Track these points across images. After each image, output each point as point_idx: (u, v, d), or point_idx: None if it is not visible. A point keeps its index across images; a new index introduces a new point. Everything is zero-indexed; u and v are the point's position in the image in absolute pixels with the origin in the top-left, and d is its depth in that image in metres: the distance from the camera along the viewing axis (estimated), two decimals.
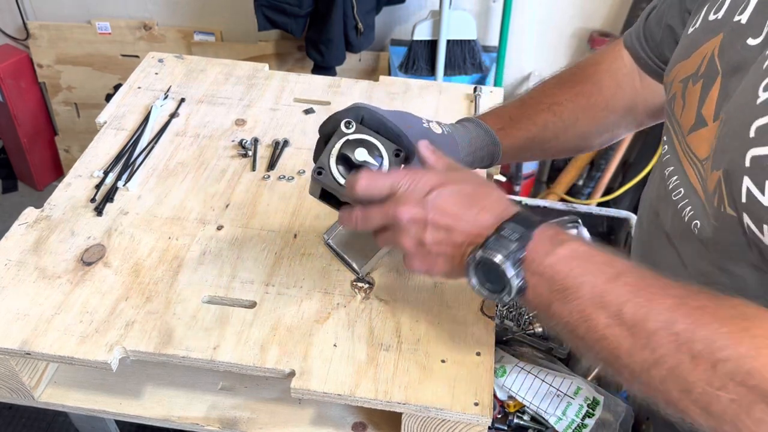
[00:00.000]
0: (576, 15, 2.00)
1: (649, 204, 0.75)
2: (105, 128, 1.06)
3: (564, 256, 0.56)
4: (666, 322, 0.50)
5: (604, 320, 0.53)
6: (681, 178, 0.67)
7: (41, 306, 0.78)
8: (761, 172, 0.51)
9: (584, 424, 0.84)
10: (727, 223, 0.57)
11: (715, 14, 0.65)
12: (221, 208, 0.94)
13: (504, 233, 0.58)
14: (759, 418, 0.47)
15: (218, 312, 0.79)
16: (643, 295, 0.52)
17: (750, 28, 0.59)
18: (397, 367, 0.74)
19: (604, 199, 2.12)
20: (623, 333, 0.52)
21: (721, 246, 0.59)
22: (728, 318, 0.49)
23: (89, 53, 2.18)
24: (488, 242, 0.58)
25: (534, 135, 0.85)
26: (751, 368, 0.47)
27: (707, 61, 0.64)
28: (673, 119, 0.70)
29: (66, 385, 0.84)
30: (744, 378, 0.47)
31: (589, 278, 0.54)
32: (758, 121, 0.53)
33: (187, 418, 0.81)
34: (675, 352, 0.49)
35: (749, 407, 0.47)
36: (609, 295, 0.53)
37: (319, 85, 1.18)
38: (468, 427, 0.73)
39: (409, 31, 1.99)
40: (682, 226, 0.65)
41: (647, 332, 0.51)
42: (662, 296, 0.52)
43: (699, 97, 0.64)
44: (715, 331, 0.48)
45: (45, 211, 0.91)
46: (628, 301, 0.52)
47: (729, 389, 0.47)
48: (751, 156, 0.52)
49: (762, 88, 0.54)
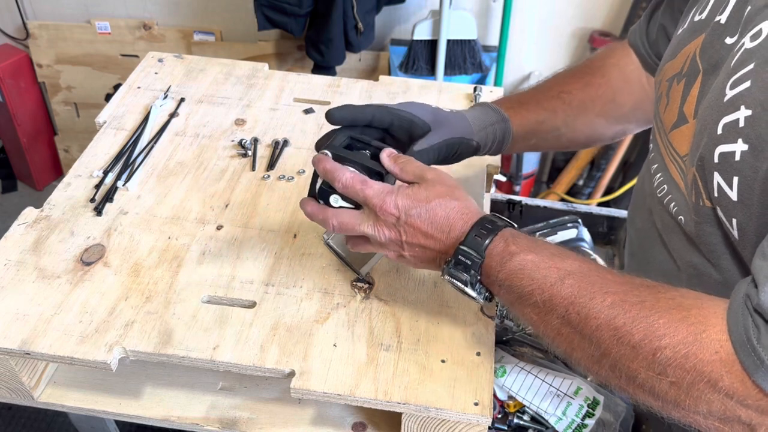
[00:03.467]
0: (576, 15, 2.00)
1: (642, 202, 0.76)
2: (104, 128, 1.06)
3: (514, 269, 0.61)
4: (606, 319, 0.55)
5: (556, 321, 0.58)
6: (665, 175, 0.68)
7: (41, 306, 0.78)
8: (729, 168, 0.54)
9: (584, 424, 0.84)
10: (705, 217, 0.59)
11: (700, 15, 0.67)
12: (221, 208, 0.93)
13: (460, 258, 0.64)
14: (697, 396, 0.50)
15: (218, 312, 0.79)
16: (585, 296, 0.57)
17: (728, 27, 0.61)
18: (397, 367, 0.74)
19: (605, 199, 2.12)
20: (572, 331, 0.57)
21: (704, 239, 0.61)
22: (666, 309, 0.53)
23: (89, 53, 2.18)
24: (449, 268, 0.65)
25: (543, 119, 0.86)
26: (687, 352, 0.50)
27: (690, 60, 0.65)
28: (657, 117, 0.71)
29: (65, 385, 0.84)
30: (681, 362, 0.50)
31: (537, 285, 0.60)
32: (725, 119, 0.55)
33: (187, 418, 0.81)
34: (617, 345, 0.54)
35: (688, 388, 0.51)
36: (555, 298, 0.58)
37: (319, 84, 1.18)
38: (468, 427, 0.73)
39: (409, 30, 1.99)
40: (670, 221, 0.67)
41: (591, 329, 0.55)
42: (603, 294, 0.56)
43: (681, 95, 0.66)
44: (653, 323, 0.52)
45: (44, 211, 0.91)
46: (571, 303, 0.57)
47: (668, 373, 0.51)
48: (719, 152, 0.55)
49: (729, 86, 0.55)
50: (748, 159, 0.52)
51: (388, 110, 0.75)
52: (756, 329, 0.48)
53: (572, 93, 0.87)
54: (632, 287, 0.56)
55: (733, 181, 0.53)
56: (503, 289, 0.63)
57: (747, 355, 0.48)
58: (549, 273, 0.59)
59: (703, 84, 0.62)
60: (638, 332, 0.52)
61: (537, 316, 0.60)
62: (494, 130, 0.83)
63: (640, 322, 0.53)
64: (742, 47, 0.56)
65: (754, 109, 0.52)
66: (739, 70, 0.55)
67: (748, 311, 0.49)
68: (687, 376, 0.50)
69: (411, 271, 0.86)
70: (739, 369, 0.49)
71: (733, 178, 0.53)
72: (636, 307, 0.54)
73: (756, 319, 0.49)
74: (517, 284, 0.61)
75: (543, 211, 1.42)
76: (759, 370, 0.48)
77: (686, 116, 0.64)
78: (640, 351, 0.52)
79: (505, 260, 0.62)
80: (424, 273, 0.85)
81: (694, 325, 0.51)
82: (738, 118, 0.53)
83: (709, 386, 0.50)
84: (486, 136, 0.82)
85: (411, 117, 0.75)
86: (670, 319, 0.52)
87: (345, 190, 0.68)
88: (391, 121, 0.75)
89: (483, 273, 0.64)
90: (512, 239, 0.63)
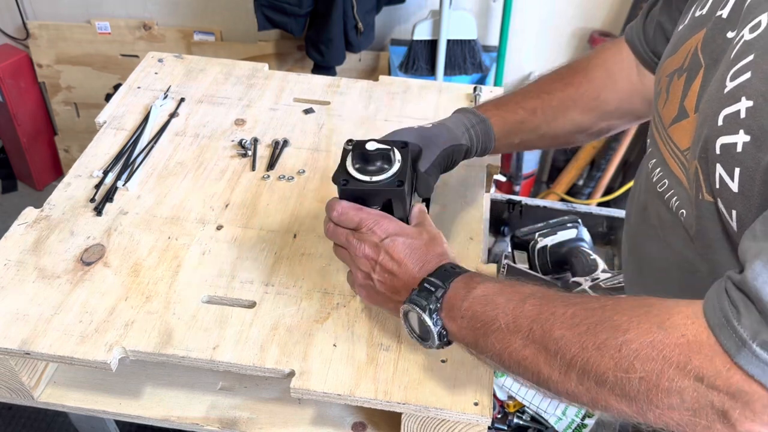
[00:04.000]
0: (576, 15, 2.00)
1: (637, 199, 0.77)
2: (105, 128, 1.06)
3: (478, 296, 0.62)
4: (569, 327, 0.55)
5: (520, 342, 0.58)
6: (664, 169, 0.69)
7: (41, 306, 0.78)
8: (730, 159, 0.54)
9: (584, 424, 0.84)
10: (706, 210, 0.59)
11: (701, 10, 0.67)
12: (221, 208, 0.94)
13: (425, 285, 0.66)
14: (668, 387, 0.49)
15: (218, 312, 0.79)
16: (546, 311, 0.57)
17: (729, 21, 0.61)
18: (397, 367, 0.74)
19: (605, 199, 2.12)
20: (536, 349, 0.57)
21: (703, 234, 0.61)
22: (628, 308, 0.53)
23: (89, 53, 2.18)
24: (412, 296, 0.66)
25: (522, 118, 0.89)
26: (653, 340, 0.50)
27: (691, 55, 0.66)
28: (656, 113, 0.72)
29: (65, 385, 0.84)
30: (647, 351, 0.50)
31: (501, 309, 0.60)
32: (726, 110, 0.55)
33: (187, 418, 0.81)
34: (582, 351, 0.53)
35: (657, 378, 0.49)
36: (519, 318, 0.58)
37: (319, 84, 1.18)
38: (468, 427, 0.73)
39: (409, 30, 1.99)
40: (670, 216, 0.67)
41: (555, 340, 0.55)
42: (564, 306, 0.56)
43: (682, 89, 0.66)
44: (615, 321, 0.52)
45: (44, 211, 0.91)
46: (535, 320, 0.57)
47: (636, 368, 0.50)
48: (720, 144, 0.55)
49: (729, 78, 0.56)
50: (750, 150, 0.52)
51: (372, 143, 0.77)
52: (735, 309, 0.47)
53: (551, 93, 0.89)
54: (593, 299, 0.57)
55: (735, 173, 0.53)
56: (465, 320, 0.63)
57: (728, 337, 0.47)
58: (511, 297, 0.61)
59: (704, 78, 0.63)
60: (602, 332, 0.52)
61: (500, 344, 0.60)
62: (475, 131, 0.86)
63: (603, 323, 0.53)
64: (742, 39, 0.56)
65: (756, 100, 0.52)
66: (739, 62, 0.55)
67: (725, 293, 0.49)
68: (655, 365, 0.49)
69: None
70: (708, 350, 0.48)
71: (735, 169, 0.53)
72: (597, 312, 0.54)
73: (735, 300, 0.48)
74: (480, 311, 0.62)
75: (543, 211, 1.43)
76: (741, 351, 0.46)
77: (687, 111, 0.64)
78: (606, 350, 0.52)
79: (469, 288, 0.63)
80: None
81: (657, 316, 0.51)
82: (739, 109, 0.53)
83: (678, 371, 0.49)
84: (469, 138, 0.85)
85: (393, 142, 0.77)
86: (632, 314, 0.52)
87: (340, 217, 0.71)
88: None
89: (445, 306, 0.64)
90: (476, 275, 0.66)
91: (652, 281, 0.72)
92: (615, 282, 1.14)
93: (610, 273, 1.18)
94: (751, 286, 0.47)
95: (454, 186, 0.99)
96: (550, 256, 1.27)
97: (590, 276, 1.18)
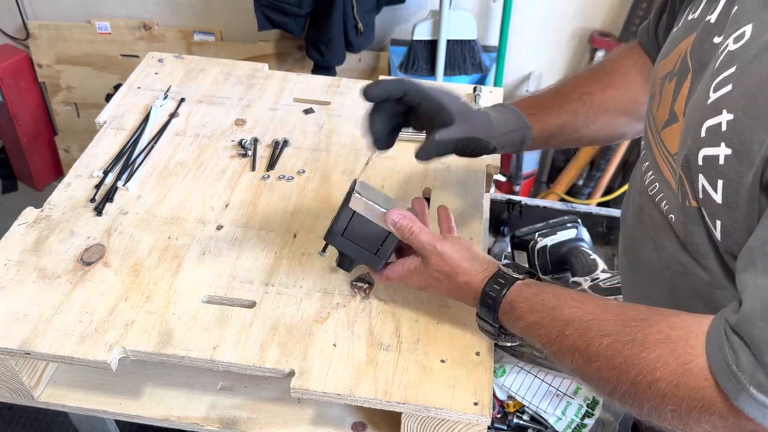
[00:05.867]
0: (576, 15, 2.00)
1: (632, 200, 0.77)
2: (105, 128, 1.06)
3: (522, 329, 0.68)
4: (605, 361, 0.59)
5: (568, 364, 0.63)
6: (656, 173, 0.69)
7: (41, 306, 0.78)
8: (713, 171, 0.54)
9: (584, 423, 0.84)
10: (692, 217, 0.60)
11: (693, 14, 0.67)
12: (221, 208, 0.94)
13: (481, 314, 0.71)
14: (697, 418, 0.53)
15: (218, 312, 0.79)
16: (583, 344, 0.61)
17: (716, 27, 0.61)
18: (397, 367, 0.74)
19: (604, 199, 2.12)
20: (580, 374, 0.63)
21: (691, 239, 0.62)
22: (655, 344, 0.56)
23: (89, 53, 2.18)
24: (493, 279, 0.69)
25: (565, 122, 0.87)
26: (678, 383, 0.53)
27: (681, 59, 0.66)
28: (650, 115, 0.72)
29: (66, 385, 0.84)
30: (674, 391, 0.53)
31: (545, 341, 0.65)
32: (708, 122, 0.55)
33: (187, 418, 0.81)
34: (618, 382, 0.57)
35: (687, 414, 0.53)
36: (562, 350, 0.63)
37: (319, 84, 1.18)
38: (467, 427, 0.73)
39: (409, 31, 1.99)
40: (661, 219, 0.68)
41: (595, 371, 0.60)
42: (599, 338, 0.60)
43: (672, 93, 0.66)
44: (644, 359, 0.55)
45: (45, 211, 0.91)
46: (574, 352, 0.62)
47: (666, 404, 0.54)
48: (702, 155, 0.55)
49: (712, 89, 0.56)
50: (733, 163, 0.52)
51: (420, 90, 0.76)
52: (733, 353, 0.49)
53: (593, 94, 0.88)
54: (624, 325, 0.59)
55: (718, 184, 0.54)
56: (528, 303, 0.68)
57: (728, 381, 0.49)
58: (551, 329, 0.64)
59: (692, 83, 0.63)
60: (633, 369, 0.55)
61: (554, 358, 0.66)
62: (514, 136, 0.84)
63: (633, 360, 0.56)
64: (726, 49, 0.56)
65: (736, 114, 0.52)
66: (722, 73, 0.55)
67: (725, 335, 0.50)
68: (683, 403, 0.52)
69: None
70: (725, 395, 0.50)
71: (718, 181, 0.54)
72: (628, 347, 0.57)
73: (733, 342, 0.49)
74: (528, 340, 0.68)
75: (543, 211, 1.43)
76: (741, 395, 0.48)
77: (677, 115, 0.65)
78: (639, 386, 0.55)
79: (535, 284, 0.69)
80: None
81: (682, 356, 0.53)
82: (721, 121, 0.53)
83: (704, 411, 0.52)
84: (505, 141, 0.84)
85: (439, 103, 0.76)
86: (660, 353, 0.54)
87: None
88: (420, 101, 0.76)
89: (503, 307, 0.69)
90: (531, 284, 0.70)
91: (647, 283, 0.73)
92: (614, 282, 1.14)
93: (609, 273, 1.18)
94: (745, 329, 0.49)
95: (454, 186, 0.99)
96: (550, 256, 1.27)
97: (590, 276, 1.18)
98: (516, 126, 0.84)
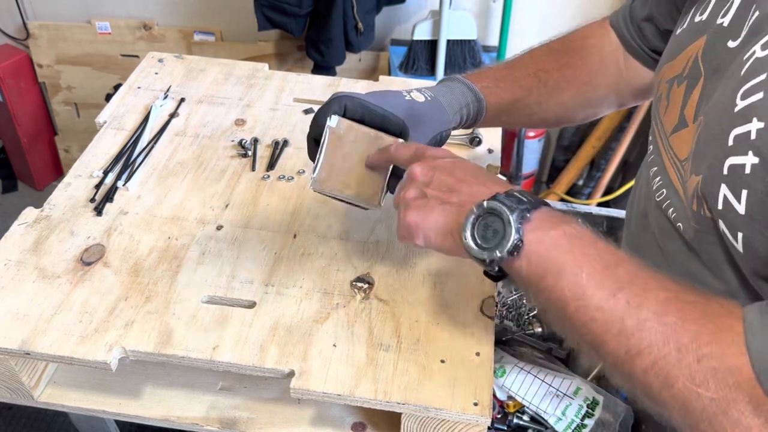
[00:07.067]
0: (576, 15, 2.00)
1: (637, 205, 0.76)
2: (105, 128, 1.06)
3: (568, 233, 0.56)
4: (657, 313, 0.50)
5: (596, 302, 0.52)
6: (664, 179, 0.67)
7: (41, 306, 0.78)
8: (738, 180, 0.52)
9: (584, 424, 0.84)
10: (706, 226, 0.58)
11: (700, 16, 0.66)
12: (221, 208, 0.94)
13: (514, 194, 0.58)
14: (736, 419, 0.46)
15: (218, 312, 0.79)
16: (639, 284, 0.52)
17: (730, 30, 0.60)
18: (397, 367, 0.74)
19: (604, 199, 2.12)
20: (614, 317, 0.51)
21: (704, 249, 0.60)
22: (716, 315, 0.49)
23: (89, 53, 2.18)
24: (498, 196, 0.58)
25: (518, 97, 0.84)
26: (732, 365, 0.47)
27: (691, 62, 0.64)
28: (657, 119, 0.71)
29: (65, 385, 0.84)
30: (725, 375, 0.47)
31: (588, 259, 0.54)
32: (736, 130, 0.53)
33: (187, 418, 0.81)
34: (662, 344, 0.49)
35: (727, 407, 0.47)
36: (606, 278, 0.53)
37: (319, 85, 1.18)
38: (467, 427, 0.73)
39: (409, 31, 1.99)
40: (668, 226, 0.66)
41: (638, 320, 0.50)
42: (657, 288, 0.52)
43: (682, 98, 0.65)
44: (702, 327, 0.48)
45: (45, 211, 0.91)
46: (623, 288, 0.52)
47: (710, 386, 0.47)
48: (729, 164, 0.53)
49: (740, 96, 0.54)
50: (759, 173, 0.50)
51: (361, 104, 0.74)
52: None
53: (549, 72, 0.85)
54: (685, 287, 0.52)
55: (742, 195, 0.51)
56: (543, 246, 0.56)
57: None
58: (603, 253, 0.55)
59: (704, 88, 0.61)
60: (687, 334, 0.48)
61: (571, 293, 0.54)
62: (468, 110, 0.81)
63: (691, 324, 0.49)
64: (753, 55, 0.54)
65: (767, 122, 0.50)
66: (751, 80, 0.53)
67: None
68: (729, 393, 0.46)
69: (411, 270, 0.86)
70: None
71: (742, 191, 0.51)
72: (689, 307, 0.50)
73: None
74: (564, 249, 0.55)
75: None
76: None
77: (687, 120, 0.63)
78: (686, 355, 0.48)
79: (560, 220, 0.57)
80: (424, 273, 0.85)
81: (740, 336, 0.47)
82: (750, 130, 0.51)
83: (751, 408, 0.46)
84: (460, 117, 0.81)
85: (383, 113, 0.73)
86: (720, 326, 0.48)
87: None
88: (363, 115, 0.74)
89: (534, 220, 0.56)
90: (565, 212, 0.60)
91: None
92: None
93: None
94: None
95: None
96: None
97: None
98: (469, 100, 0.81)
